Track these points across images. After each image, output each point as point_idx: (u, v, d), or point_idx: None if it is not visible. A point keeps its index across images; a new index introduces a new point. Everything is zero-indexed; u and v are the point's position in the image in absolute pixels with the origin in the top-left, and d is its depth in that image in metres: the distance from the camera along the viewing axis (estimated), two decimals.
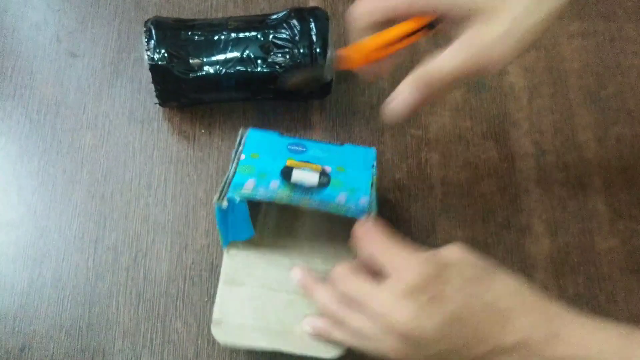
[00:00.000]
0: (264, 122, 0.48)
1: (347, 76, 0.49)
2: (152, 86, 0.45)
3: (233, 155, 0.40)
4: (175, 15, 0.51)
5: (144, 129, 0.47)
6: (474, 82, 0.49)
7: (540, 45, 0.51)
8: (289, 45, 0.43)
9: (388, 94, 0.48)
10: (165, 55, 0.43)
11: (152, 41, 0.43)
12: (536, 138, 0.48)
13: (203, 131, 0.47)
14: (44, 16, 0.51)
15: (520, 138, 0.48)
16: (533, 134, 0.48)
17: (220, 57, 0.43)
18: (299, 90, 0.45)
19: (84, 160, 0.46)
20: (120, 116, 0.48)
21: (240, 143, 0.40)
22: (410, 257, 0.33)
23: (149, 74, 0.44)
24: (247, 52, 0.43)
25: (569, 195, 0.46)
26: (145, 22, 0.44)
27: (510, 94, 0.49)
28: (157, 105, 0.46)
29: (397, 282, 0.32)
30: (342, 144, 0.42)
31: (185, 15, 0.51)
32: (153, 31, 0.43)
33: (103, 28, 0.50)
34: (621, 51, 0.51)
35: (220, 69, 0.43)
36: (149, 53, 0.43)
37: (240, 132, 0.41)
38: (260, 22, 0.45)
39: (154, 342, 0.41)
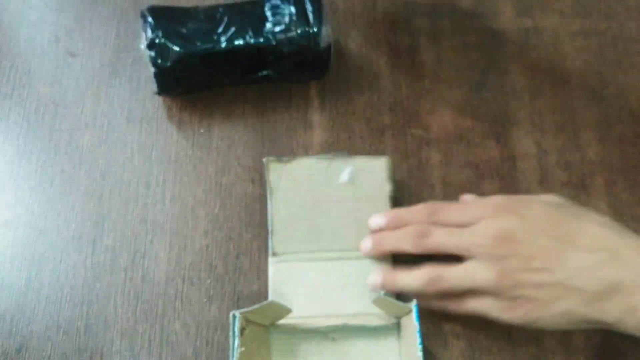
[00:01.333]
0: (263, 122, 0.47)
1: (347, 75, 0.49)
2: (150, 86, 0.45)
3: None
4: None
5: (143, 128, 0.47)
6: (475, 81, 0.49)
7: (542, 44, 0.51)
8: (286, 16, 0.44)
9: (389, 93, 0.49)
10: (163, 32, 0.43)
11: (149, 22, 0.43)
12: (538, 138, 0.47)
13: (202, 131, 0.47)
14: (42, 15, 0.51)
15: (521, 138, 0.47)
16: (535, 134, 0.48)
17: (218, 30, 0.44)
18: (296, 68, 0.46)
19: (82, 160, 0.46)
20: (118, 116, 0.47)
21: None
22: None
23: (148, 73, 0.44)
24: (244, 24, 0.44)
25: (571, 196, 0.46)
26: (142, 11, 0.44)
27: (511, 93, 0.49)
28: (156, 95, 0.46)
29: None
30: None
31: None
32: (148, 14, 0.44)
33: (101, 27, 0.50)
34: (623, 50, 0.51)
35: (218, 42, 0.43)
36: (147, 32, 0.43)
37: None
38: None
39: (152, 343, 0.41)
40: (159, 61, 0.43)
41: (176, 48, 0.43)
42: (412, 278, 0.39)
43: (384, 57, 0.50)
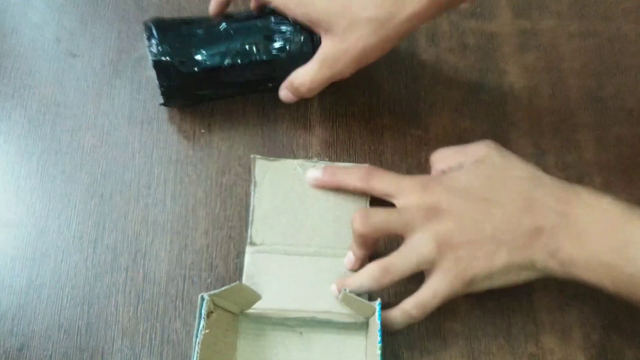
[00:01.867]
0: (264, 122, 0.48)
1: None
2: (152, 86, 0.45)
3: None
4: (175, 14, 0.51)
5: (144, 129, 0.47)
6: (474, 82, 0.50)
7: (539, 46, 0.51)
8: (290, 29, 0.43)
9: (388, 94, 0.49)
10: (169, 50, 0.43)
11: (154, 39, 0.43)
12: (536, 138, 0.48)
13: (203, 131, 0.47)
14: (44, 16, 0.51)
15: (519, 138, 0.48)
16: (533, 134, 0.48)
17: (223, 48, 0.43)
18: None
19: (83, 160, 0.46)
20: (119, 116, 0.48)
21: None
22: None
23: (149, 74, 0.44)
24: (248, 40, 0.43)
25: None
26: (145, 22, 0.44)
27: (509, 94, 0.49)
28: (161, 105, 0.46)
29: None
30: None
31: (185, 14, 0.51)
32: (153, 29, 0.43)
33: (103, 28, 0.50)
34: (620, 51, 0.51)
35: (224, 60, 0.43)
36: (152, 49, 0.43)
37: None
38: (258, 11, 0.45)
39: (153, 342, 0.41)
40: (166, 80, 0.43)
41: (183, 69, 0.43)
42: (362, 277, 0.39)
43: (383, 58, 0.50)
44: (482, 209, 0.38)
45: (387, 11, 0.39)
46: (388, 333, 0.40)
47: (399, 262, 0.38)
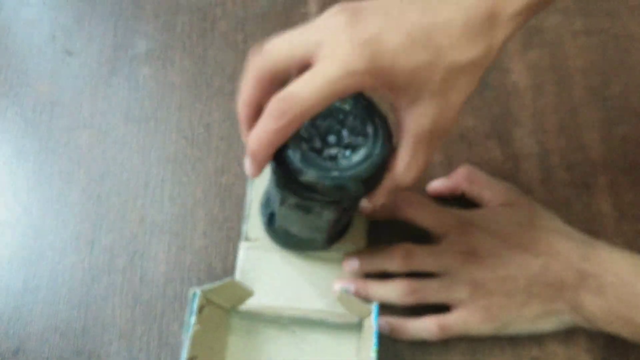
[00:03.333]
0: None
1: None
2: (149, 85, 0.44)
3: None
4: (173, 10, 0.50)
5: (141, 128, 0.47)
6: None
7: (544, 43, 0.50)
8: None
9: None
10: None
11: None
12: (540, 138, 0.47)
13: (201, 130, 0.47)
14: (40, 14, 0.50)
15: (523, 138, 0.47)
16: (537, 134, 0.47)
17: None
18: None
19: (80, 160, 0.46)
20: (117, 115, 0.47)
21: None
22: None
23: (146, 72, 0.43)
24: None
25: (574, 196, 0.45)
26: None
27: (513, 92, 0.49)
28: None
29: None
30: None
31: (182, 11, 0.50)
32: None
33: (99, 26, 0.50)
34: (626, 49, 0.50)
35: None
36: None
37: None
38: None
39: (151, 344, 0.41)
40: None
41: None
42: (388, 289, 0.39)
43: None
44: (515, 260, 0.39)
45: (485, 44, 0.31)
46: (388, 337, 0.40)
47: (430, 290, 0.39)
